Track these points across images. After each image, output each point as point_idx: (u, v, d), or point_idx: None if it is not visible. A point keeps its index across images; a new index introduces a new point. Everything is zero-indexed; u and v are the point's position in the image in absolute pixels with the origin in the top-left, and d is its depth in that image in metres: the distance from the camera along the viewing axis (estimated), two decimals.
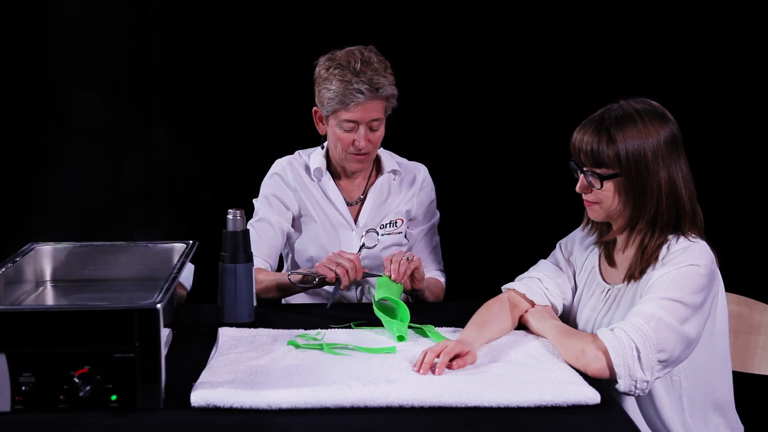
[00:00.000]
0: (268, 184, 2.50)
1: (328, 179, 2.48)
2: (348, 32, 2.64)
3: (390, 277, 2.17)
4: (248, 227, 2.42)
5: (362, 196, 2.51)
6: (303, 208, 2.48)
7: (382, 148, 2.51)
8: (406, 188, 2.52)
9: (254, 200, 2.52)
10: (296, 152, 2.54)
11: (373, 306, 2.08)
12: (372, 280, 2.49)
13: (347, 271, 2.20)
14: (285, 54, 3.46)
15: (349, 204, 2.49)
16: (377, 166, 2.53)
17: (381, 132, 2.36)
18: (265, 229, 2.45)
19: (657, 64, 3.40)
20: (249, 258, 2.11)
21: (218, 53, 3.48)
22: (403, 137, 2.65)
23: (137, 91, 3.48)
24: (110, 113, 3.47)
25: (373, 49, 2.35)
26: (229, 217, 2.11)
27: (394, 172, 2.51)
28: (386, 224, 2.49)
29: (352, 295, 2.51)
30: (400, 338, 1.95)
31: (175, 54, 3.48)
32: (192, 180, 3.55)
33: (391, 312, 2.07)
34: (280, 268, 2.61)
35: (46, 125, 3.44)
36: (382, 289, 2.10)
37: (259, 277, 2.32)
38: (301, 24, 3.45)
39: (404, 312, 2.02)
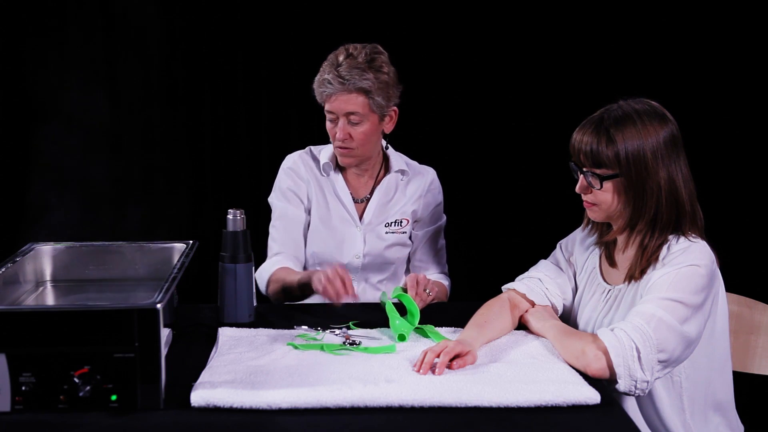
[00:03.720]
0: (282, 179, 2.51)
1: (336, 174, 2.49)
2: (351, 33, 2.64)
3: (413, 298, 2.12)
4: (270, 228, 2.46)
5: (369, 195, 2.51)
6: (312, 202, 2.49)
7: (392, 149, 2.52)
8: (413, 189, 2.53)
9: (269, 199, 2.53)
10: (307, 147, 2.55)
11: (382, 299, 2.09)
12: (373, 279, 2.50)
13: (338, 293, 2.12)
14: (285, 54, 3.46)
15: (356, 201, 2.50)
16: (386, 166, 2.53)
17: (365, 128, 2.36)
18: (287, 225, 2.47)
19: (657, 64, 3.41)
20: (249, 258, 2.11)
21: (218, 53, 3.48)
22: (403, 138, 2.65)
23: (137, 92, 3.49)
24: (110, 113, 3.48)
25: (375, 48, 2.36)
26: (229, 217, 2.11)
27: (402, 172, 2.52)
28: (391, 223, 2.50)
29: None
30: (401, 338, 1.95)
31: (175, 54, 3.48)
32: (192, 180, 3.55)
33: (398, 311, 2.07)
34: None
35: (47, 125, 3.44)
36: (397, 314, 2.06)
37: (284, 276, 2.34)
38: (302, 24, 3.45)
39: (414, 319, 2.02)
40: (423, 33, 3.47)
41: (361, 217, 2.50)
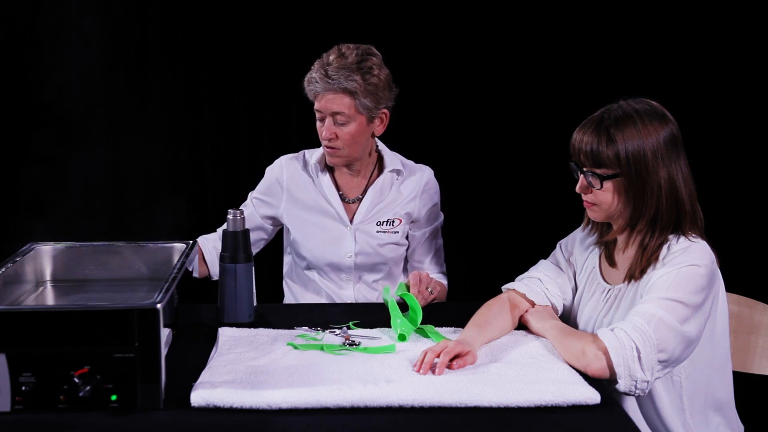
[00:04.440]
0: (261, 181, 2.55)
1: (324, 175, 2.49)
2: (350, 33, 2.64)
3: (416, 296, 2.15)
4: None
5: (361, 195, 2.51)
6: (296, 205, 2.49)
7: (387, 148, 2.52)
8: (408, 189, 2.52)
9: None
10: (301, 151, 2.57)
11: (385, 296, 2.09)
12: (368, 278, 2.50)
13: None
14: (285, 54, 3.46)
15: (348, 201, 2.50)
16: (380, 166, 2.53)
17: (351, 129, 2.36)
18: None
19: (657, 64, 3.40)
20: (249, 258, 2.11)
21: (218, 53, 3.48)
22: (401, 136, 2.65)
23: (137, 92, 3.48)
24: (110, 113, 3.48)
25: (368, 50, 2.36)
26: (229, 217, 2.12)
27: (397, 172, 2.51)
28: (383, 222, 2.50)
29: (349, 294, 2.51)
30: (401, 338, 1.95)
31: (175, 54, 3.48)
32: (192, 180, 3.55)
33: (400, 310, 2.06)
34: (278, 261, 2.63)
35: (46, 126, 3.44)
36: (398, 313, 2.06)
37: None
38: (302, 23, 3.45)
39: (417, 317, 2.02)
40: (422, 31, 3.47)
41: (353, 217, 2.50)
